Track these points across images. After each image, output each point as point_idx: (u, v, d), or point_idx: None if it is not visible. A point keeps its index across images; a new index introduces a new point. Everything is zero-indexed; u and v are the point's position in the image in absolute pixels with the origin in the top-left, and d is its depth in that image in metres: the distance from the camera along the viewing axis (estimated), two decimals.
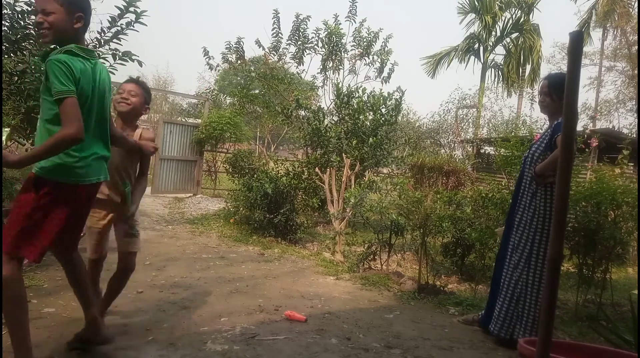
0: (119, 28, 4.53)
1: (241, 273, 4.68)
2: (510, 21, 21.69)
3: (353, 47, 10.09)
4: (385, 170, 11.34)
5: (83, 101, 2.19)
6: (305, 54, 10.06)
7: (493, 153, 13.58)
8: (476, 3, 21.35)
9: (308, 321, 3.33)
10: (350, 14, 9.95)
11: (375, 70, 10.24)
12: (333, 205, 6.34)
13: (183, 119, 20.76)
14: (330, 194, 6.43)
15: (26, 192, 2.16)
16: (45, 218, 2.17)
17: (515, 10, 21.63)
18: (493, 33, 21.67)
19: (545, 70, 22.71)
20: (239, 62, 10.41)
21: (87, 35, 4.63)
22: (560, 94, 3.15)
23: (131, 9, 4.43)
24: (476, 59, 22.64)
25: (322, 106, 9.57)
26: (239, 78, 20.58)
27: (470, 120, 18.88)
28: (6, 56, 4.11)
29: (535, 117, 18.23)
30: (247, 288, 4.14)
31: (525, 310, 3.13)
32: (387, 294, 4.42)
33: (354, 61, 10.22)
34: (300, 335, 3.06)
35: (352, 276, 4.93)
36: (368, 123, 8.51)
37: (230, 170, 9.87)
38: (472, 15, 22.13)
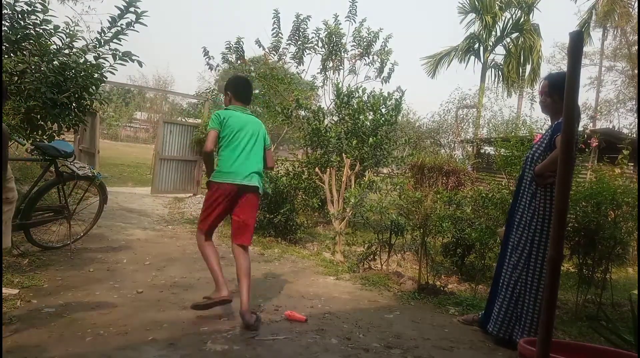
0: (119, 28, 4.53)
1: None
2: (510, 21, 21.72)
3: (353, 47, 10.09)
4: (385, 170, 11.34)
5: (227, 133, 3.36)
6: (305, 54, 10.06)
7: (493, 153, 13.58)
8: (476, 3, 21.36)
9: (308, 321, 3.33)
10: (350, 14, 9.95)
11: (375, 70, 10.24)
12: (333, 205, 6.34)
13: (183, 119, 20.75)
14: (330, 194, 6.43)
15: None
16: None
17: (515, 10, 21.66)
18: (493, 33, 21.70)
19: (545, 70, 22.72)
20: (239, 62, 10.41)
21: (86, 35, 4.59)
22: (561, 94, 3.14)
23: (131, 9, 4.43)
24: (476, 59, 22.68)
25: (322, 106, 9.57)
26: None
27: (470, 120, 18.87)
28: (6, 56, 4.11)
29: (536, 118, 18.20)
30: None
31: (524, 311, 3.13)
32: (387, 294, 4.42)
33: (354, 61, 10.22)
34: (300, 335, 3.06)
35: (352, 276, 4.93)
36: (368, 123, 8.50)
37: None
38: (472, 15, 22.16)
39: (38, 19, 4.33)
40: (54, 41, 4.49)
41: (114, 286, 3.77)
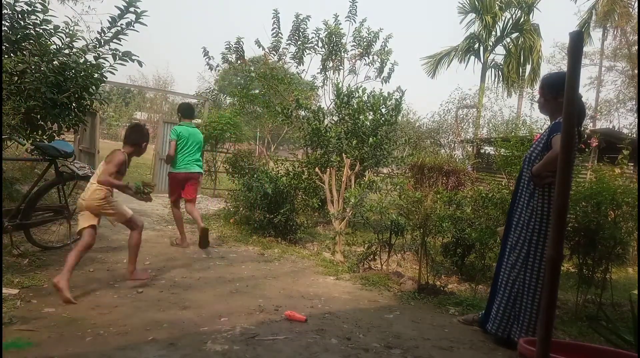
0: (119, 28, 4.53)
1: (241, 273, 4.67)
2: (510, 21, 21.73)
3: (353, 47, 10.10)
4: (385, 170, 11.34)
5: (182, 142, 5.51)
6: (305, 54, 10.06)
7: (493, 153, 13.57)
8: (476, 3, 21.36)
9: (308, 321, 3.33)
10: (350, 14, 9.96)
11: (375, 70, 10.25)
12: (333, 205, 6.34)
13: None
14: (330, 194, 6.43)
15: None
16: None
17: (515, 10, 21.67)
18: (493, 33, 21.70)
19: (545, 70, 22.71)
20: (238, 62, 10.41)
21: (86, 35, 4.61)
22: (553, 93, 3.14)
23: (131, 9, 4.43)
24: (476, 59, 22.67)
25: (322, 106, 9.57)
26: (239, 78, 20.60)
27: (470, 120, 18.86)
28: (6, 56, 4.10)
29: (535, 117, 18.14)
30: (247, 288, 4.14)
31: (522, 310, 3.13)
32: (387, 294, 4.42)
33: (354, 61, 10.23)
34: (300, 335, 3.06)
35: (352, 276, 4.93)
36: (368, 123, 8.50)
37: (230, 170, 9.88)
38: (472, 15, 22.16)
39: (38, 19, 4.33)
40: (54, 41, 4.49)
41: (114, 286, 3.77)
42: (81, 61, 4.53)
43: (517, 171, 4.77)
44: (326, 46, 9.79)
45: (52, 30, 4.42)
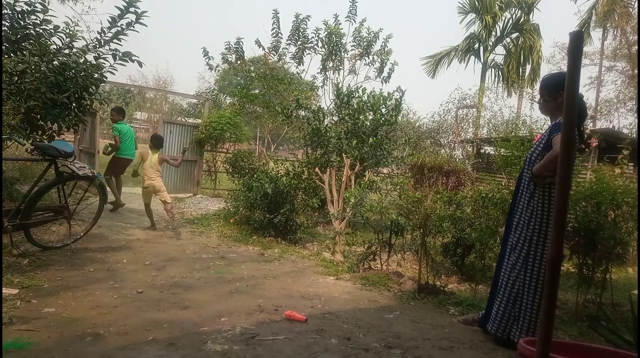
0: (119, 28, 4.53)
1: (241, 273, 4.68)
2: (510, 21, 21.74)
3: (353, 47, 10.10)
4: (385, 170, 11.34)
5: (123, 135, 7.64)
6: (305, 54, 10.07)
7: (493, 153, 13.57)
8: (476, 3, 21.37)
9: (308, 321, 3.33)
10: (350, 14, 9.96)
11: (375, 70, 10.25)
12: (333, 205, 6.34)
13: (183, 119, 20.77)
14: (330, 194, 6.43)
15: None
16: None
17: (515, 10, 21.67)
18: (493, 33, 21.70)
19: (545, 70, 22.72)
20: (238, 62, 10.42)
21: (86, 35, 4.63)
22: (553, 94, 3.14)
23: (131, 9, 4.43)
24: (476, 59, 22.67)
25: (322, 106, 9.58)
26: (239, 78, 20.61)
27: (470, 120, 18.82)
28: (6, 56, 4.11)
29: (536, 117, 18.12)
30: (247, 288, 4.14)
31: (522, 311, 3.13)
32: (387, 294, 4.42)
33: (354, 61, 10.23)
34: (300, 335, 3.06)
35: (352, 276, 4.93)
36: (368, 123, 8.51)
37: (230, 170, 9.88)
38: (472, 15, 22.16)
39: (38, 19, 4.33)
40: (54, 41, 4.49)
41: (114, 286, 3.77)
42: (81, 61, 4.53)
43: (517, 171, 4.77)
44: (326, 46, 9.80)
45: (52, 30, 4.42)
